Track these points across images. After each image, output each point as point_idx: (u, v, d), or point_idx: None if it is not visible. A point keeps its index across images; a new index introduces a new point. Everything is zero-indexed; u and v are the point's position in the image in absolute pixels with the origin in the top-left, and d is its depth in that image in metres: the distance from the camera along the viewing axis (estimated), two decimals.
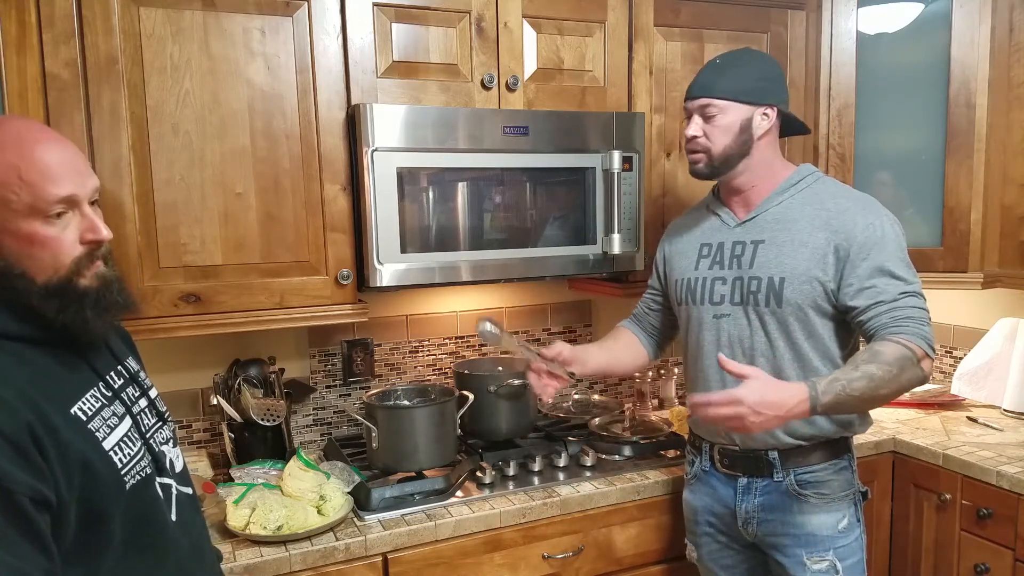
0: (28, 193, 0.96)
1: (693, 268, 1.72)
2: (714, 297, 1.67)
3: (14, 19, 1.53)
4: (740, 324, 1.64)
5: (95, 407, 1.03)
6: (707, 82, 1.62)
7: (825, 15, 2.26)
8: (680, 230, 1.82)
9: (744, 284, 1.63)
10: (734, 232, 1.68)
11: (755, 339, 1.63)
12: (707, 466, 1.74)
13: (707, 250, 1.71)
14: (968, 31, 2.12)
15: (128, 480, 1.03)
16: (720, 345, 1.66)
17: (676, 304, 1.78)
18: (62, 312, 1.00)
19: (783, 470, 1.63)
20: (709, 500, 1.75)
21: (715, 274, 1.68)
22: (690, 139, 1.63)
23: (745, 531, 1.69)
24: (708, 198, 1.81)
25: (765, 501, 1.65)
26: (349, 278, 1.84)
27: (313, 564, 1.61)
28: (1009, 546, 1.87)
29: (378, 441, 1.84)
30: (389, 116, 1.77)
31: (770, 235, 1.62)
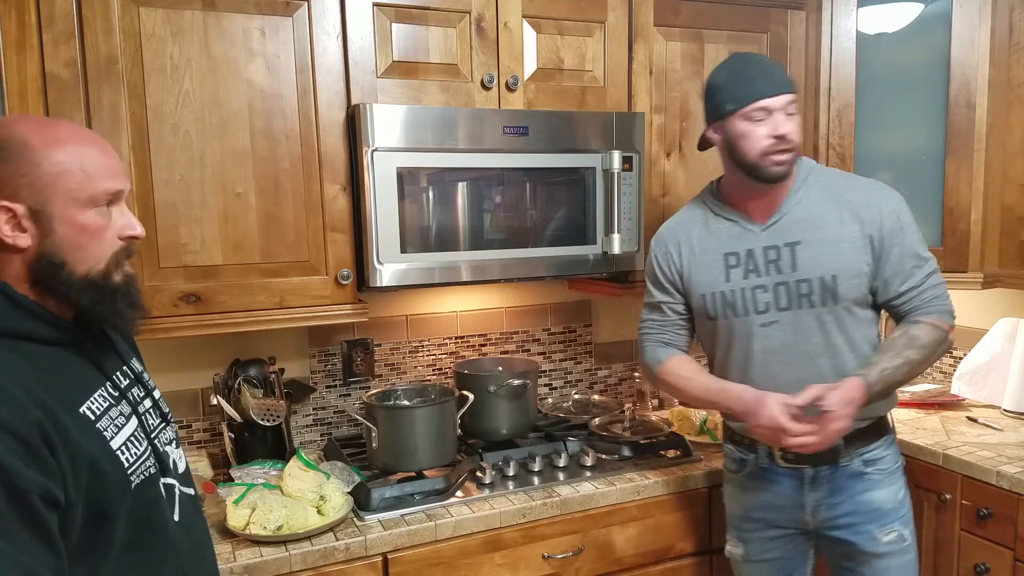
0: (88, 184, 1.01)
1: (724, 280, 1.66)
2: (758, 306, 1.63)
3: (14, 19, 1.53)
4: (792, 329, 1.62)
5: (103, 407, 1.04)
6: (782, 79, 1.58)
7: (825, 15, 2.26)
8: (686, 240, 1.73)
9: (791, 288, 1.61)
10: (761, 238, 1.64)
11: (812, 341, 1.62)
12: (765, 462, 1.71)
13: (734, 260, 1.66)
14: (968, 31, 2.12)
15: (134, 479, 1.04)
16: (772, 352, 1.64)
17: (706, 318, 1.71)
18: (98, 304, 1.04)
19: (847, 454, 1.65)
20: (767, 496, 1.72)
21: (753, 283, 1.64)
22: (781, 138, 1.55)
23: (813, 519, 1.69)
24: (708, 202, 1.74)
25: (832, 486, 1.67)
26: (349, 278, 1.84)
27: (313, 564, 1.61)
28: (1009, 546, 1.87)
29: (378, 441, 1.84)
30: (389, 116, 1.77)
31: (803, 235, 1.61)
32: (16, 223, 0.98)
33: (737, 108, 1.57)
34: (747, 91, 1.57)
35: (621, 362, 2.61)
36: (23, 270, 1.00)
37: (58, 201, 0.99)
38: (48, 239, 1.00)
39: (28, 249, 0.99)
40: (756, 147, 1.57)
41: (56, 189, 0.99)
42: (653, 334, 1.81)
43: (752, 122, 1.57)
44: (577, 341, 2.54)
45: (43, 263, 1.00)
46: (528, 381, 2.06)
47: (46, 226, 0.99)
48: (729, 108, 1.58)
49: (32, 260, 1.00)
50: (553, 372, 2.52)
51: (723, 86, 1.61)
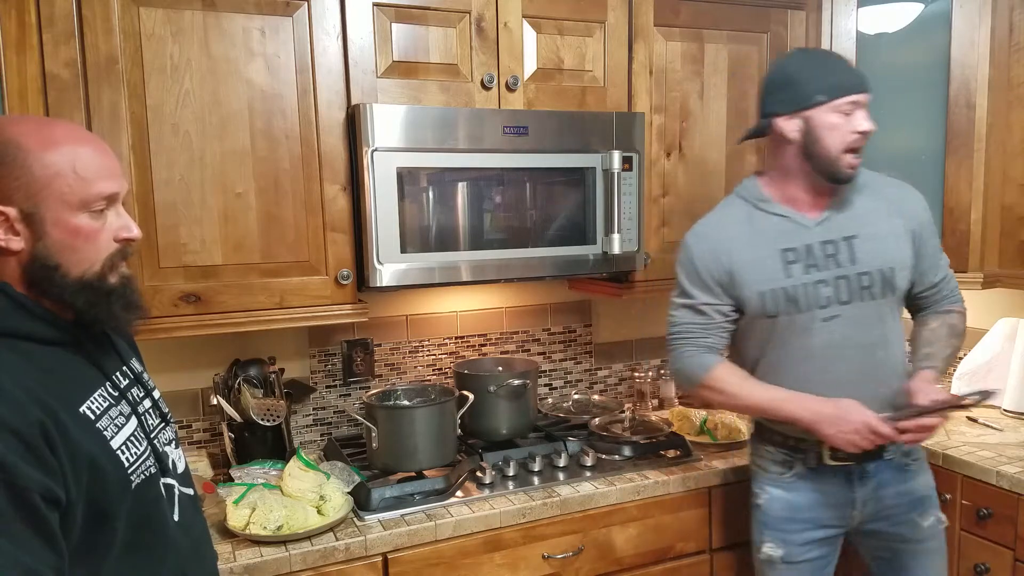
0: (81, 187, 1.00)
1: (784, 276, 1.63)
2: (820, 301, 1.62)
3: (14, 19, 1.53)
4: (854, 322, 1.63)
5: (103, 407, 1.04)
6: (863, 74, 1.59)
7: (825, 15, 2.26)
8: (735, 240, 1.67)
9: (851, 282, 1.62)
10: (816, 232, 1.64)
11: (873, 333, 1.64)
12: (813, 463, 1.69)
13: (793, 256, 1.63)
14: (968, 31, 2.12)
15: (134, 479, 1.04)
16: (832, 347, 1.63)
17: (762, 317, 1.66)
18: (93, 307, 1.04)
19: (892, 447, 1.67)
20: (816, 495, 1.71)
21: (814, 277, 1.62)
22: (864, 134, 1.56)
23: (860, 513, 1.72)
24: (749, 198, 1.70)
25: (879, 480, 1.70)
26: (349, 278, 1.84)
27: (313, 564, 1.61)
28: (1009, 546, 1.87)
29: (378, 441, 1.84)
30: (389, 116, 1.77)
31: (857, 229, 1.63)
32: (9, 226, 0.98)
33: (829, 99, 1.55)
34: (840, 83, 1.55)
35: (621, 362, 2.61)
36: (18, 272, 1.00)
37: (50, 204, 0.99)
38: (41, 242, 0.99)
39: (21, 252, 0.99)
40: (841, 141, 1.56)
41: (48, 192, 0.98)
42: (694, 338, 1.72)
43: (842, 115, 1.56)
44: (577, 341, 2.54)
45: (37, 266, 1.00)
46: (528, 381, 2.06)
47: (39, 229, 0.99)
48: (820, 99, 1.56)
49: (26, 263, 1.00)
50: (553, 372, 2.52)
51: (809, 77, 1.58)
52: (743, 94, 2.24)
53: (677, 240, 2.19)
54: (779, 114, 1.63)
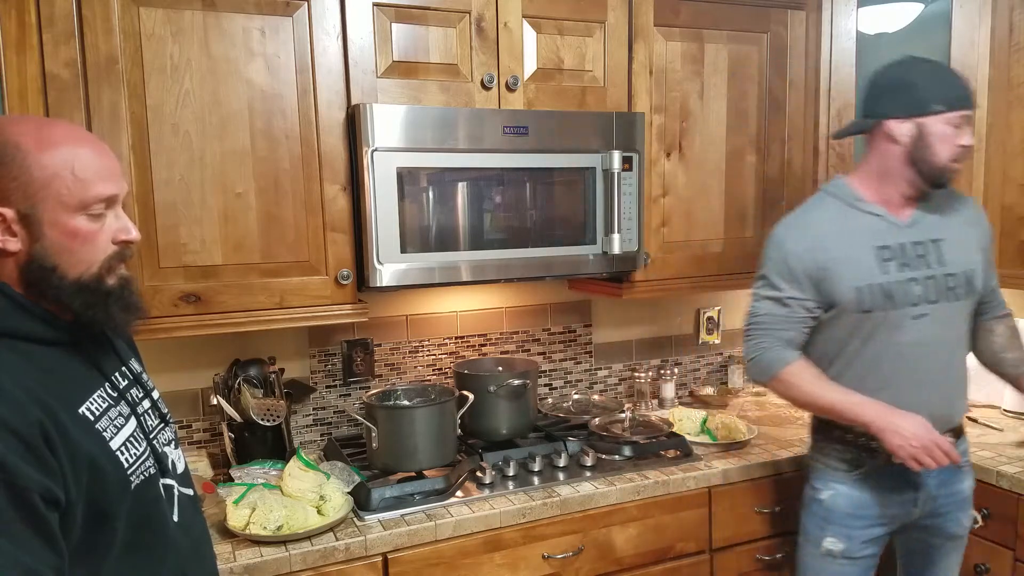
0: (79, 188, 1.00)
1: (880, 272, 1.67)
2: (912, 298, 1.68)
3: (14, 19, 1.53)
4: (940, 321, 1.69)
5: (102, 407, 1.04)
6: None
7: (825, 15, 2.26)
8: (828, 236, 1.70)
9: (939, 282, 1.68)
10: (906, 232, 1.70)
11: (956, 332, 1.73)
12: (882, 463, 1.72)
13: (888, 253, 1.68)
14: (968, 31, 2.12)
15: (133, 480, 1.04)
16: (920, 345, 1.69)
17: (855, 312, 1.68)
18: (90, 308, 1.03)
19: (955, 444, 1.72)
20: (884, 492, 1.75)
21: (907, 275, 1.68)
22: (967, 148, 1.64)
23: (920, 510, 1.77)
24: (841, 196, 1.73)
25: (939, 479, 1.75)
26: (349, 278, 1.84)
27: (313, 564, 1.61)
28: (1009, 546, 1.87)
29: (378, 441, 1.84)
30: (389, 116, 1.77)
31: (943, 233, 1.71)
32: (6, 227, 0.97)
33: (946, 110, 1.60)
34: (958, 96, 1.62)
35: (621, 362, 2.61)
36: (16, 273, 1.00)
37: (48, 206, 0.98)
38: (38, 243, 0.99)
39: (19, 253, 0.99)
40: (949, 152, 1.62)
41: (46, 194, 0.98)
42: (775, 331, 1.73)
43: (953, 127, 1.62)
44: (577, 341, 2.54)
45: (34, 267, 0.99)
46: (528, 381, 2.06)
47: (36, 230, 0.98)
48: (937, 108, 1.60)
49: (23, 264, 0.99)
50: (553, 372, 2.52)
51: (928, 85, 1.62)
52: (743, 94, 2.24)
53: (677, 240, 2.21)
54: (891, 116, 1.65)
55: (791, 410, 2.53)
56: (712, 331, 2.71)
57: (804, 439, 2.20)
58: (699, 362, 2.73)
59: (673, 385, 2.57)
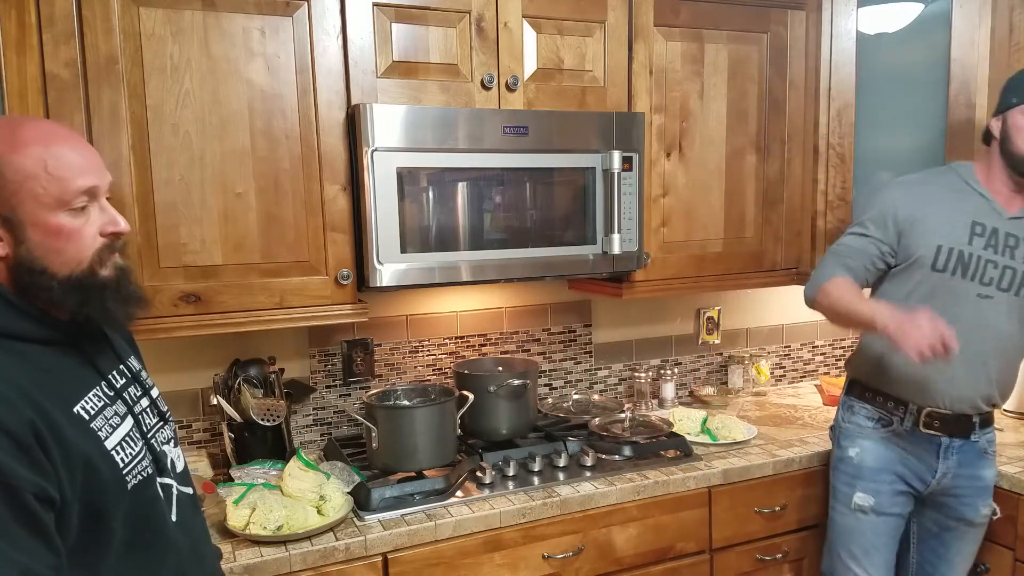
0: (56, 186, 0.98)
1: (967, 242, 1.76)
2: (984, 277, 1.75)
3: (14, 19, 1.53)
4: (1001, 310, 1.76)
5: (97, 406, 1.04)
6: None
7: (825, 15, 2.26)
8: (933, 197, 1.82)
9: (1017, 275, 1.75)
10: (1007, 223, 1.77)
11: (1012, 327, 1.77)
12: (909, 426, 1.85)
13: (980, 229, 1.77)
14: (968, 31, 2.12)
15: (130, 480, 1.03)
16: (978, 325, 1.75)
17: (927, 269, 1.78)
18: (85, 305, 1.02)
19: (979, 431, 1.84)
20: (904, 454, 1.87)
21: (989, 256, 1.75)
22: None
23: (937, 484, 1.85)
24: (962, 174, 1.82)
25: (961, 458, 1.84)
26: (349, 278, 1.84)
27: (313, 564, 1.61)
28: (1009, 546, 1.87)
29: (378, 441, 1.84)
30: (389, 116, 1.77)
31: None
32: None
33: (1020, 102, 1.71)
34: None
35: (621, 362, 2.61)
36: (6, 277, 0.99)
37: (27, 207, 0.97)
38: (23, 246, 0.98)
39: (7, 257, 0.98)
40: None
41: (22, 195, 0.97)
42: (841, 256, 1.86)
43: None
44: (577, 341, 2.54)
45: (23, 270, 0.99)
46: (528, 381, 2.06)
47: (19, 233, 0.98)
48: (1014, 101, 1.72)
49: (12, 268, 0.99)
50: (553, 372, 2.52)
51: (1014, 83, 1.75)
52: (743, 94, 2.24)
53: (677, 240, 2.21)
54: (994, 116, 1.80)
55: (791, 410, 2.53)
56: (712, 331, 2.71)
57: (804, 439, 2.20)
58: (699, 362, 2.73)
59: (673, 385, 2.57)
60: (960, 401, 1.80)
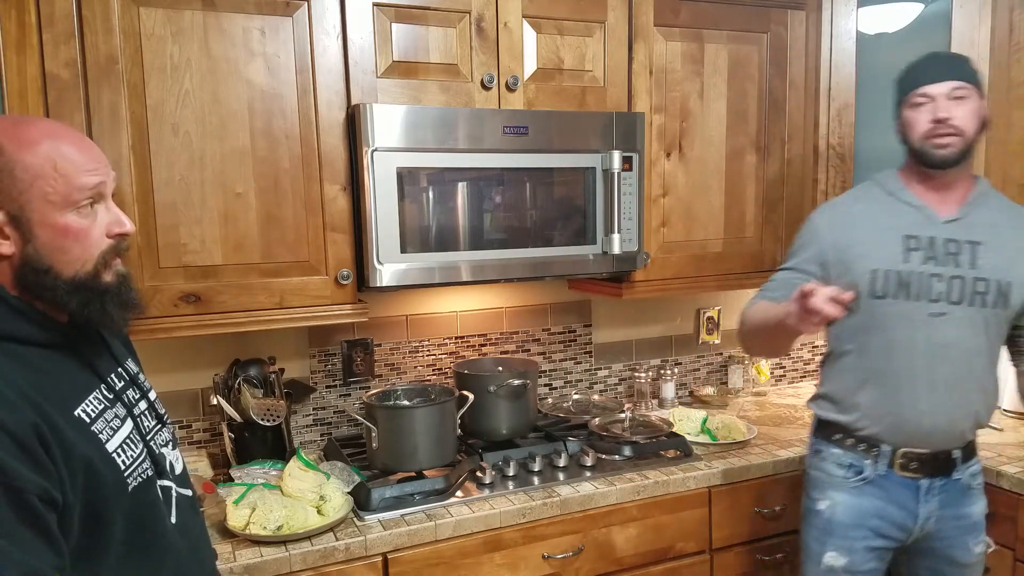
0: (64, 184, 0.99)
1: (901, 260, 1.64)
2: (931, 294, 1.62)
3: (14, 19, 1.53)
4: (959, 325, 1.62)
5: (98, 409, 1.04)
6: (951, 68, 1.61)
7: (825, 15, 2.26)
8: (859, 218, 1.71)
9: (966, 284, 1.62)
10: (942, 229, 1.64)
11: (976, 341, 1.63)
12: (883, 470, 1.69)
13: (915, 243, 1.64)
14: (968, 31, 2.12)
15: (130, 482, 1.03)
16: (938, 345, 1.62)
17: (868, 297, 1.63)
18: (87, 307, 1.02)
19: (961, 466, 1.69)
20: (882, 503, 1.69)
21: (930, 270, 1.62)
22: (941, 121, 1.58)
23: (920, 530, 1.70)
24: (887, 186, 1.72)
25: (944, 498, 1.69)
26: (349, 278, 1.84)
27: (313, 564, 1.61)
28: (1009, 546, 1.87)
29: (378, 441, 1.84)
30: (389, 116, 1.77)
31: (985, 237, 1.63)
32: None
33: (903, 96, 1.64)
34: (914, 78, 1.63)
35: (621, 362, 2.61)
36: (10, 276, 0.99)
37: (35, 206, 0.97)
38: (30, 244, 0.98)
39: (13, 256, 0.98)
40: (918, 131, 1.62)
41: (31, 194, 0.97)
42: (766, 290, 1.76)
43: (915, 108, 1.62)
44: (577, 341, 2.54)
45: (28, 269, 0.99)
46: (528, 381, 2.06)
47: (27, 232, 0.98)
48: (899, 97, 1.66)
49: (17, 266, 0.99)
50: (553, 372, 2.52)
51: (899, 79, 1.67)
52: (743, 94, 2.24)
53: (677, 240, 2.21)
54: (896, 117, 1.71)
55: (791, 410, 2.53)
56: (712, 331, 2.71)
57: (804, 439, 2.20)
58: (699, 362, 2.73)
59: (673, 385, 2.57)
60: (936, 435, 1.65)
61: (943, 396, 1.63)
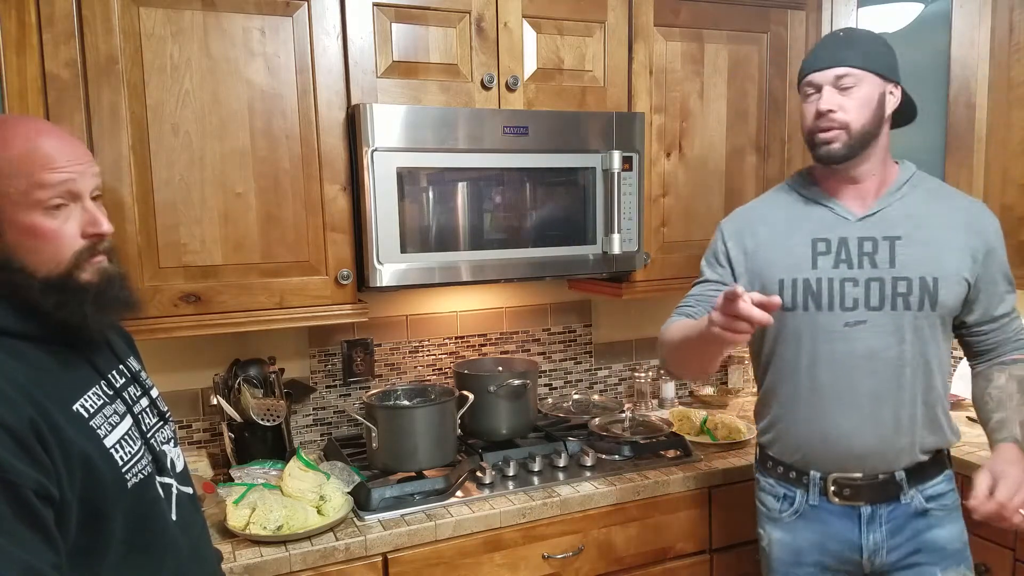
0: (25, 182, 0.97)
1: (810, 267, 1.49)
2: (845, 301, 1.47)
3: (14, 19, 1.53)
4: (881, 332, 1.46)
5: (96, 405, 1.04)
6: (838, 52, 1.45)
7: (825, 15, 2.26)
8: (767, 221, 1.58)
9: (885, 286, 1.46)
10: (855, 227, 1.49)
11: (902, 348, 1.46)
12: (816, 500, 1.55)
13: (824, 246, 1.49)
14: (968, 31, 2.12)
15: (129, 479, 1.03)
16: (856, 356, 1.47)
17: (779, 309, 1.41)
18: (61, 307, 1.00)
19: (910, 490, 1.52)
20: (819, 537, 1.56)
21: (843, 274, 1.48)
22: (822, 114, 1.44)
23: (871, 563, 1.54)
24: (796, 186, 1.60)
25: (893, 526, 1.53)
26: (349, 278, 1.84)
27: (313, 564, 1.61)
28: (1009, 546, 1.87)
29: (378, 441, 1.84)
30: (389, 116, 1.77)
31: (905, 231, 1.48)
32: None
33: (799, 83, 1.52)
34: (804, 66, 1.50)
35: (621, 362, 2.61)
36: None
37: (1, 205, 0.96)
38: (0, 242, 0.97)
39: None
40: (804, 125, 1.51)
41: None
42: (682, 307, 1.64)
43: (805, 100, 1.50)
44: (577, 341, 2.54)
45: (1, 268, 0.97)
46: (528, 381, 2.06)
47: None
48: (798, 84, 1.53)
49: None
50: (553, 372, 2.52)
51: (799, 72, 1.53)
52: (743, 94, 2.24)
53: (677, 240, 2.21)
54: None
55: None
56: None
57: None
58: None
59: (673, 385, 2.57)
60: (869, 457, 1.49)
61: (870, 413, 1.48)
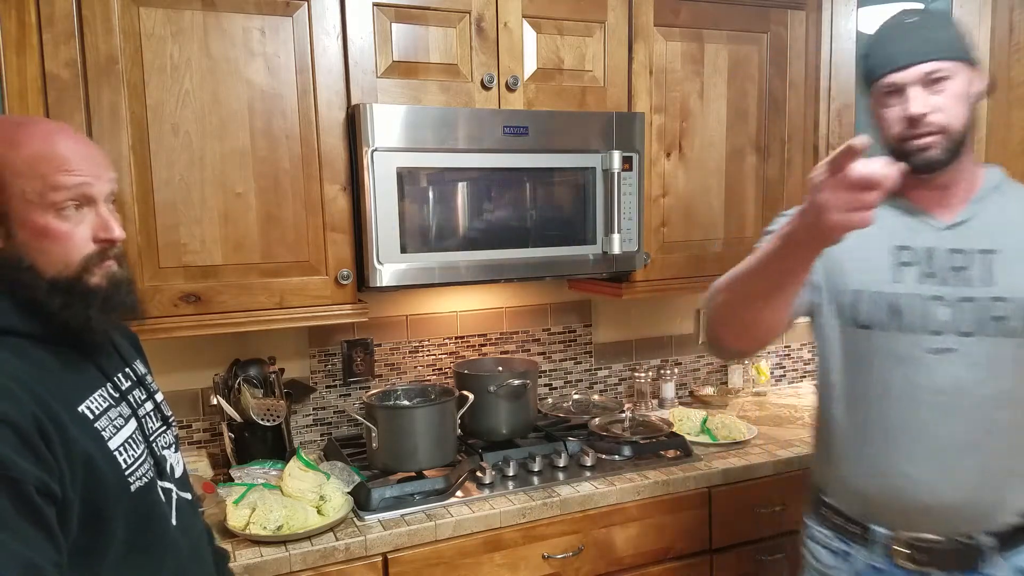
0: (40, 183, 0.98)
1: (891, 279, 1.27)
2: (931, 324, 1.24)
3: (14, 19, 1.53)
4: (972, 364, 1.23)
5: (102, 407, 1.04)
6: (920, 43, 1.23)
7: (825, 15, 2.26)
8: None
9: (980, 307, 1.23)
10: (945, 237, 1.27)
11: (1000, 383, 1.23)
12: (880, 562, 1.31)
13: (909, 256, 1.27)
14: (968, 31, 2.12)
15: (132, 482, 1.03)
16: (941, 392, 1.24)
17: (852, 326, 1.31)
18: (66, 308, 1.00)
19: (996, 557, 1.27)
20: None
21: (930, 291, 1.25)
22: (916, 119, 1.23)
23: None
24: None
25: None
26: (349, 278, 1.84)
27: (313, 564, 1.61)
28: None
29: (378, 441, 1.84)
30: (389, 116, 1.77)
31: (1002, 243, 1.25)
32: None
33: (876, 79, 1.27)
34: (875, 63, 1.28)
35: (621, 362, 2.61)
36: None
37: (13, 203, 0.97)
38: (10, 242, 0.98)
39: None
40: (891, 133, 1.28)
41: (11, 192, 0.97)
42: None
43: (884, 103, 1.27)
44: (577, 341, 2.54)
45: (10, 266, 0.98)
46: (528, 381, 2.06)
47: (8, 229, 0.98)
48: (865, 84, 1.31)
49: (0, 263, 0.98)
50: (553, 372, 2.52)
51: (866, 53, 1.30)
52: (743, 94, 2.24)
53: (677, 240, 2.21)
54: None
55: (791, 410, 2.53)
56: None
57: (804, 439, 2.20)
58: (699, 362, 2.73)
59: (673, 385, 2.57)
60: (949, 515, 1.25)
61: (954, 462, 1.24)
